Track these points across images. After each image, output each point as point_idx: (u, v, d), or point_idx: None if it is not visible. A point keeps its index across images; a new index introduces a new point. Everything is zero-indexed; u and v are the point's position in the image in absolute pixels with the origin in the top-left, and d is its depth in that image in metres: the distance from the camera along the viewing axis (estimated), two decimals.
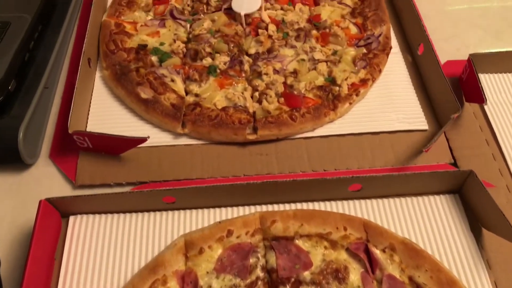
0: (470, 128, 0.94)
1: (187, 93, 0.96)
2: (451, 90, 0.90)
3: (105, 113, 0.96)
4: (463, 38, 1.14)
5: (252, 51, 1.03)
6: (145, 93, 0.94)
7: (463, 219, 0.81)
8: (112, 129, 0.92)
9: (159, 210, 0.81)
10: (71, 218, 0.80)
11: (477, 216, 0.80)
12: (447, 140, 0.93)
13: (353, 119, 0.95)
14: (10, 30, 0.97)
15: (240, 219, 0.76)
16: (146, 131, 0.93)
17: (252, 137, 0.90)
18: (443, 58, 1.07)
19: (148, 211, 0.81)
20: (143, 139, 0.84)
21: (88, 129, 0.93)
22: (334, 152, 0.91)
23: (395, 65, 1.05)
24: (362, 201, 0.83)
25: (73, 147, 0.89)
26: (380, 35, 1.06)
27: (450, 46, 1.12)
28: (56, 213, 0.78)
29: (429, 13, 1.18)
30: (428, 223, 0.81)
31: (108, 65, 0.99)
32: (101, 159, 0.89)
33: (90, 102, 0.97)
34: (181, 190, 0.77)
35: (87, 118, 0.95)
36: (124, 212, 0.81)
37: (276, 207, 0.82)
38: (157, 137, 0.92)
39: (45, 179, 0.88)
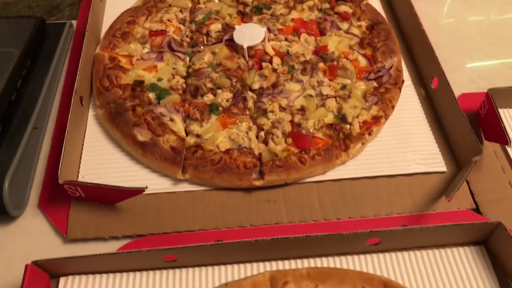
0: (491, 169, 0.88)
1: (187, 133, 0.90)
2: (471, 130, 0.84)
3: (99, 156, 0.89)
4: (477, 69, 1.09)
5: (256, 86, 0.97)
6: (142, 135, 0.87)
7: (490, 274, 0.75)
8: (106, 174, 0.85)
9: (159, 268, 0.74)
10: (62, 280, 0.73)
11: (506, 270, 0.74)
12: (467, 183, 0.86)
13: (366, 161, 0.89)
14: None
15: (248, 280, 0.69)
16: (144, 176, 0.86)
17: (258, 183, 0.83)
18: (456, 91, 1.01)
19: (146, 270, 0.74)
20: (141, 190, 0.77)
21: (80, 175, 0.86)
22: (347, 197, 0.85)
23: (408, 100, 0.99)
24: (381, 255, 0.77)
25: (64, 195, 0.82)
26: (391, 67, 1.00)
27: (463, 77, 1.06)
28: (45, 275, 0.71)
29: (441, 42, 1.12)
30: (453, 278, 0.74)
31: (102, 103, 0.93)
32: (95, 209, 0.82)
33: (83, 144, 0.90)
34: (182, 249, 0.70)
35: (80, 163, 0.87)
36: (120, 271, 0.74)
37: (287, 264, 0.75)
38: (155, 183, 0.85)
39: (33, 232, 0.81)
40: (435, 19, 1.19)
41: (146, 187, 0.77)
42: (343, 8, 1.11)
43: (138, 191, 0.77)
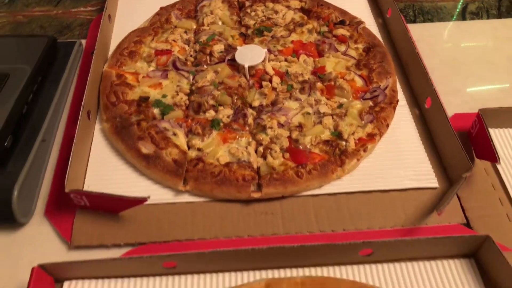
0: (482, 186, 0.91)
1: (189, 147, 0.93)
2: (461, 147, 0.88)
3: (104, 168, 0.92)
4: (470, 91, 1.13)
5: (256, 103, 1.01)
6: (146, 148, 0.91)
7: (479, 286, 0.77)
8: (110, 185, 0.89)
9: (159, 275, 0.77)
10: (66, 284, 0.76)
11: (494, 282, 0.76)
12: (459, 198, 0.89)
13: (361, 176, 0.92)
14: (9, 82, 0.94)
15: (245, 287, 0.72)
16: (146, 187, 0.89)
17: (256, 195, 0.87)
18: (451, 111, 1.05)
19: (147, 275, 0.77)
20: (143, 199, 0.80)
21: (86, 185, 0.89)
22: (342, 211, 0.88)
23: (402, 119, 1.02)
24: (373, 266, 0.79)
25: (70, 205, 0.85)
26: (386, 87, 1.04)
27: (457, 99, 1.10)
28: (50, 278, 0.74)
29: (436, 66, 1.16)
30: None
31: (108, 117, 0.97)
32: (99, 218, 0.85)
33: (89, 156, 0.94)
34: (182, 256, 0.73)
35: (85, 173, 0.91)
36: (122, 277, 0.76)
37: (283, 272, 0.78)
38: (157, 194, 0.88)
39: (39, 239, 0.84)
40: (431, 44, 1.24)
41: (149, 197, 0.80)
42: (341, 31, 1.16)
43: (140, 200, 0.80)
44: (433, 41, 1.25)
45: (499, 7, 1.36)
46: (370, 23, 1.24)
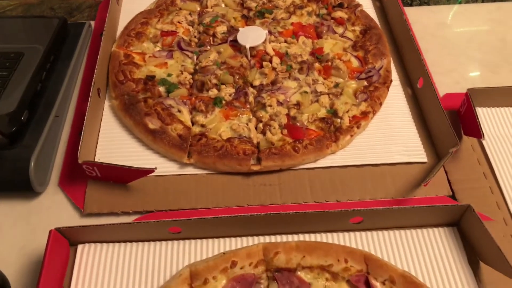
0: (468, 161, 0.97)
1: (193, 123, 0.99)
2: (450, 125, 0.93)
3: (113, 142, 0.99)
4: (462, 72, 1.17)
5: (257, 82, 1.06)
6: (153, 124, 0.97)
7: (461, 252, 0.83)
8: (119, 158, 0.95)
9: (165, 240, 0.83)
10: (79, 247, 0.83)
11: (475, 249, 0.82)
12: (446, 172, 0.95)
13: (354, 151, 0.98)
14: (23, 61, 1.00)
15: (244, 250, 0.78)
16: (153, 160, 0.96)
17: (256, 168, 0.93)
18: (442, 91, 1.11)
19: (154, 240, 0.83)
20: (151, 170, 0.86)
21: (96, 158, 0.96)
22: (336, 183, 0.94)
23: (395, 98, 1.08)
24: (363, 233, 0.85)
25: (82, 175, 0.92)
26: (380, 68, 1.09)
27: (449, 79, 1.15)
28: (65, 241, 0.81)
29: (431, 48, 1.21)
30: (427, 255, 0.83)
31: (117, 95, 1.03)
32: (109, 187, 0.91)
33: (99, 131, 1.00)
34: (187, 221, 0.79)
35: (96, 147, 0.97)
36: (131, 241, 0.83)
37: (279, 238, 0.85)
38: (163, 167, 0.94)
39: (54, 207, 0.91)
40: (426, 26, 1.28)
41: (155, 168, 0.87)
42: (339, 13, 1.20)
43: (148, 171, 0.87)
44: (428, 23, 1.30)
45: None
46: (368, 6, 1.29)
